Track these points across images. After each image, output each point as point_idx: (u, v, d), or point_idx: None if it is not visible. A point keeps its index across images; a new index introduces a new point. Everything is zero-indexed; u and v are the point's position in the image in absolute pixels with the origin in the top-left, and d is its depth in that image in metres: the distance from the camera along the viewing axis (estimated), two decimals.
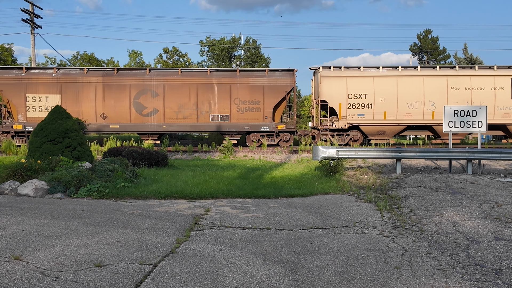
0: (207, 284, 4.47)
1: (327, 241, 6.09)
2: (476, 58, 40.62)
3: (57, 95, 21.78)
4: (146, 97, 22.04)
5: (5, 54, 39.96)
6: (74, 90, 21.92)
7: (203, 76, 22.38)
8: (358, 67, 22.92)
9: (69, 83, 21.94)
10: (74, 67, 22.53)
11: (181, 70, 22.68)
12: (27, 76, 21.93)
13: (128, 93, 21.98)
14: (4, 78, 21.85)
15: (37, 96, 21.79)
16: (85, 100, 21.90)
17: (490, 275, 4.75)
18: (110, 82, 22.06)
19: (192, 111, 22.07)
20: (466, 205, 7.89)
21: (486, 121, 13.33)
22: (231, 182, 11.06)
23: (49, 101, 21.73)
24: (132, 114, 22.01)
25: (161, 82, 22.15)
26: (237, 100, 22.11)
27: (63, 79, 21.94)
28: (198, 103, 22.08)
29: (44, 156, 10.65)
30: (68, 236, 5.87)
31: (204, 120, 22.13)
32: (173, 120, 22.12)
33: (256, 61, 46.56)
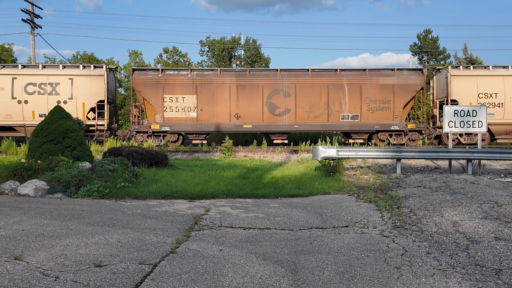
0: (207, 284, 4.47)
1: (327, 241, 6.09)
2: (476, 58, 40.62)
3: (193, 96, 22.06)
4: (278, 97, 22.20)
5: (5, 54, 39.99)
6: (209, 91, 22.11)
7: (333, 76, 22.50)
8: (486, 66, 23.32)
9: (204, 84, 22.15)
10: (207, 68, 22.82)
11: (311, 70, 22.77)
12: (164, 77, 22.20)
13: (261, 93, 22.18)
14: (142, 79, 22.16)
15: (174, 96, 22.05)
16: (219, 101, 22.08)
17: (490, 275, 4.75)
18: (243, 82, 22.25)
19: (323, 110, 22.21)
20: (466, 205, 7.89)
21: (486, 121, 13.34)
22: (231, 182, 11.06)
23: (185, 101, 22.07)
24: (264, 114, 22.18)
25: (292, 82, 22.29)
26: (368, 100, 22.22)
27: (198, 80, 22.17)
28: (329, 102, 22.22)
29: (44, 156, 10.65)
30: (68, 236, 5.87)
31: (334, 119, 22.28)
32: (304, 119, 22.28)
33: (256, 61, 46.56)
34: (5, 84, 21.67)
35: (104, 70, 22.16)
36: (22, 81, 21.75)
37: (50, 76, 21.86)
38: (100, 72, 22.09)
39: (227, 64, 46.71)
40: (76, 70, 22.23)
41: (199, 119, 22.01)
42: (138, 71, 22.74)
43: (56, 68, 22.47)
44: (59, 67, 22.41)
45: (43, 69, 22.15)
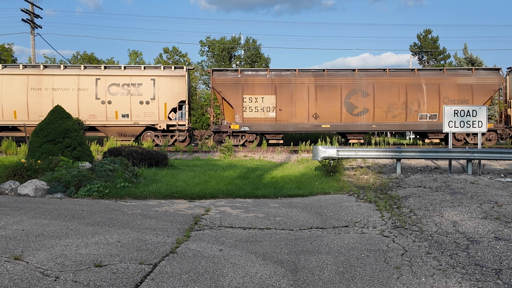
0: (207, 284, 4.47)
1: (327, 241, 6.09)
2: (476, 58, 40.61)
3: (272, 96, 22.18)
4: (356, 97, 22.27)
5: (5, 54, 39.99)
6: (288, 91, 22.22)
7: (411, 76, 22.60)
8: None
9: (283, 84, 22.27)
10: (285, 69, 23.24)
11: (388, 70, 22.88)
12: (243, 78, 22.36)
13: (339, 93, 22.27)
14: (222, 80, 22.34)
15: (254, 97, 22.18)
16: (298, 101, 22.17)
17: (490, 275, 4.75)
18: (321, 82, 22.35)
19: (401, 110, 22.29)
20: (466, 205, 7.89)
21: (486, 121, 13.33)
22: (231, 182, 11.06)
23: (264, 101, 22.20)
24: (342, 113, 22.26)
25: (370, 82, 22.39)
26: (446, 99, 22.25)
27: (277, 80, 22.29)
28: (407, 102, 22.30)
29: (44, 156, 10.65)
30: (68, 236, 5.87)
31: (412, 119, 22.37)
32: (382, 119, 22.37)
33: (256, 61, 46.56)
34: (89, 84, 21.86)
35: (185, 71, 22.44)
36: (105, 81, 21.99)
37: (133, 77, 22.13)
38: (181, 73, 22.31)
39: (227, 64, 46.70)
40: (158, 71, 22.45)
41: (277, 119, 22.15)
42: (217, 72, 22.91)
43: (138, 69, 22.68)
44: (141, 68, 22.63)
45: (125, 70, 22.40)
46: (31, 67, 22.31)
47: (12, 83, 21.59)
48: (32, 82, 21.64)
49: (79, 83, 21.83)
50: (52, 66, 22.49)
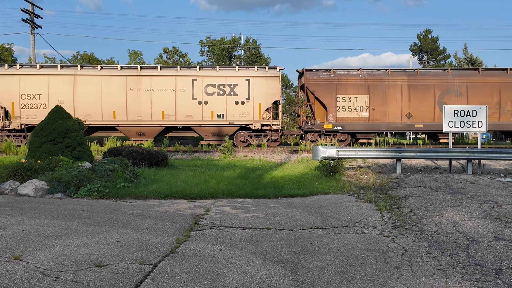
0: (207, 284, 4.47)
1: (327, 241, 6.09)
2: (476, 58, 40.61)
3: (365, 96, 22.27)
4: (450, 97, 22.28)
5: (5, 54, 40.00)
6: (381, 91, 22.30)
7: (504, 76, 22.60)
8: None
9: (376, 83, 22.35)
10: (377, 68, 23.57)
11: (481, 70, 22.92)
12: (336, 78, 22.45)
13: (433, 93, 22.31)
14: (315, 79, 22.45)
15: (347, 96, 22.27)
16: (391, 100, 22.24)
17: (490, 275, 4.75)
18: (414, 82, 22.41)
19: (495, 110, 22.26)
20: (466, 205, 7.89)
21: (486, 121, 13.33)
22: (231, 182, 11.06)
23: (358, 101, 22.25)
24: (436, 113, 22.19)
25: (463, 82, 22.40)
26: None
27: (370, 80, 22.37)
28: (501, 102, 22.30)
29: (44, 156, 10.65)
30: (68, 236, 5.87)
31: (506, 119, 22.43)
32: None
33: (256, 61, 46.56)
34: (186, 85, 22.06)
35: (278, 71, 22.56)
36: (202, 82, 22.15)
37: (228, 77, 22.26)
38: (275, 74, 22.43)
39: (227, 64, 46.71)
40: (252, 71, 22.60)
41: (370, 119, 22.23)
42: (310, 72, 23.00)
43: (233, 69, 22.84)
44: (235, 68, 22.81)
45: (220, 70, 22.56)
46: (127, 68, 22.65)
47: (111, 84, 21.85)
48: (130, 83, 21.94)
49: (176, 83, 22.10)
50: (149, 67, 22.80)
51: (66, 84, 21.68)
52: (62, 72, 21.88)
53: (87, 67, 22.69)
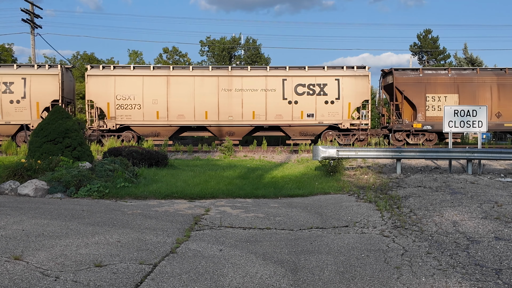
0: (207, 284, 4.47)
1: (327, 241, 6.09)
2: (476, 58, 40.62)
3: (454, 95, 22.36)
4: None
5: (5, 54, 39.99)
6: (470, 90, 22.35)
7: None
8: None
9: (465, 83, 22.43)
10: (465, 68, 23.77)
11: None
12: (425, 77, 22.59)
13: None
14: (404, 79, 22.59)
15: (436, 96, 22.38)
16: (481, 100, 22.22)
17: (490, 275, 4.75)
18: (504, 81, 22.48)
19: None
20: (466, 205, 7.89)
21: (486, 121, 13.34)
22: (231, 182, 11.06)
23: (447, 100, 22.37)
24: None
25: None
26: None
27: (459, 79, 22.45)
28: None
29: (44, 156, 10.65)
30: (68, 236, 5.87)
31: None
32: None
33: (256, 61, 46.56)
34: (276, 85, 22.20)
35: (367, 71, 22.72)
36: (292, 82, 22.29)
37: (318, 77, 22.40)
38: (364, 73, 22.59)
39: (227, 64, 46.73)
40: (341, 71, 22.73)
41: None
42: (399, 71, 23.12)
43: (321, 69, 22.95)
44: (324, 68, 22.92)
45: (309, 70, 22.70)
46: (218, 69, 22.88)
47: (203, 84, 22.05)
48: (222, 83, 22.12)
49: (267, 83, 22.26)
50: (239, 68, 23.12)
51: (160, 85, 21.93)
52: (155, 73, 22.17)
53: (178, 68, 23.08)
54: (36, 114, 21.61)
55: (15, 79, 21.62)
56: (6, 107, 21.53)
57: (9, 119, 21.59)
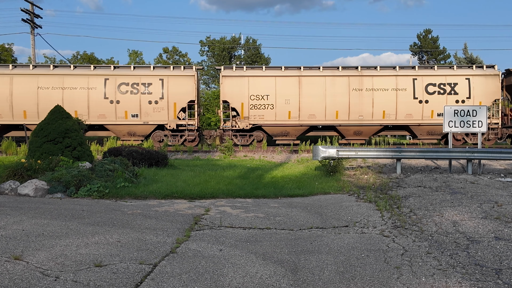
0: (207, 284, 4.47)
1: (327, 241, 6.09)
2: (476, 58, 40.62)
3: None
4: None
5: (5, 54, 39.99)
6: None
7: None
8: None
9: None
10: None
11: None
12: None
13: None
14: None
15: None
16: None
17: (490, 275, 4.75)
18: None
19: None
20: (466, 205, 7.89)
21: (486, 121, 13.33)
22: (231, 182, 11.06)
23: None
24: None
25: None
26: None
27: None
28: None
29: (44, 156, 10.65)
30: (68, 236, 5.87)
31: None
32: None
33: (256, 61, 46.56)
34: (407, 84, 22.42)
35: (497, 70, 22.77)
36: (422, 81, 22.52)
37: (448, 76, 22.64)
38: (494, 72, 22.68)
39: (227, 64, 46.77)
40: (470, 70, 22.97)
41: None
42: None
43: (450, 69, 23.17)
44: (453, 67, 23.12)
45: (439, 69, 23.03)
46: (347, 69, 23.01)
47: (334, 84, 22.24)
48: (353, 83, 22.31)
49: (397, 83, 22.49)
50: (368, 67, 23.26)
51: (292, 85, 22.12)
52: (287, 73, 22.37)
53: (309, 68, 23.23)
54: (173, 115, 22.02)
55: (153, 80, 21.98)
56: (144, 107, 21.93)
57: (147, 119, 21.95)
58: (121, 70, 22.31)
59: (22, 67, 22.47)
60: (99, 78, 21.76)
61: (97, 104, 21.64)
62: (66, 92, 21.53)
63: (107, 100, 21.72)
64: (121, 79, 21.86)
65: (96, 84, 21.71)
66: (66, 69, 22.31)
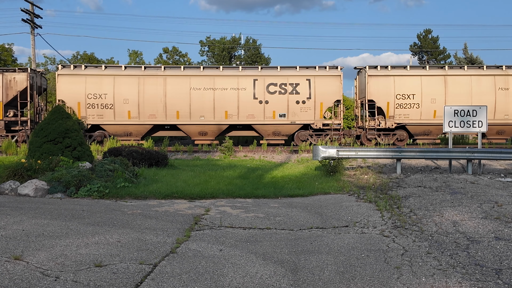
0: (207, 284, 4.47)
1: (327, 241, 6.09)
2: (476, 58, 40.61)
3: None
4: None
5: (5, 54, 39.98)
6: None
7: None
8: None
9: None
10: None
11: None
12: None
13: None
14: None
15: None
16: None
17: (490, 275, 4.75)
18: None
19: None
20: (466, 205, 7.89)
21: (486, 121, 13.33)
22: (231, 182, 11.06)
23: None
24: None
25: None
26: None
27: None
28: None
29: (44, 156, 10.65)
30: (68, 236, 5.87)
31: None
32: None
33: (256, 61, 46.55)
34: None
35: None
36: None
37: None
38: None
39: (227, 64, 46.76)
40: None
41: None
42: None
43: None
44: None
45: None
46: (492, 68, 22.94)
47: (480, 84, 22.30)
48: (499, 82, 22.29)
49: None
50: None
51: (437, 84, 22.24)
52: (431, 72, 22.50)
53: (454, 67, 23.25)
54: (319, 114, 22.14)
55: (300, 80, 22.19)
56: (292, 107, 22.09)
57: (294, 119, 22.12)
58: (268, 71, 22.66)
59: (174, 69, 22.82)
60: (248, 79, 22.08)
61: (246, 104, 21.95)
62: (217, 92, 21.85)
63: (256, 101, 22.03)
64: (269, 79, 22.17)
65: (246, 84, 22.02)
66: (216, 70, 22.67)
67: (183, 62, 48.10)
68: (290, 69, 22.66)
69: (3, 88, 21.67)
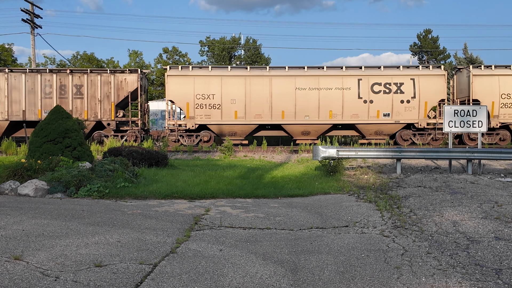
0: (207, 284, 4.47)
1: (327, 241, 6.09)
2: (476, 58, 40.60)
3: None
4: None
5: (5, 54, 39.99)
6: None
7: None
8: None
9: None
10: None
11: None
12: None
13: None
14: None
15: None
16: None
17: (490, 275, 4.75)
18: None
19: None
20: (466, 205, 7.89)
21: (486, 121, 13.33)
22: (231, 182, 11.06)
23: None
24: None
25: None
26: None
27: None
28: None
29: (44, 156, 10.65)
30: (68, 236, 5.87)
31: None
32: None
33: (256, 61, 46.56)
34: None
35: None
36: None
37: None
38: None
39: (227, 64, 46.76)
40: None
41: None
42: None
43: None
44: None
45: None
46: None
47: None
48: None
49: None
50: None
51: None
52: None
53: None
54: (423, 113, 22.25)
55: (404, 79, 22.31)
56: (396, 106, 22.22)
57: (398, 118, 22.27)
58: (372, 71, 22.73)
59: (278, 69, 22.84)
60: (353, 79, 22.19)
61: (351, 103, 22.06)
62: (322, 92, 21.99)
63: (360, 100, 22.14)
64: (373, 79, 22.25)
65: (350, 84, 22.13)
66: (320, 70, 22.77)
67: (183, 62, 48.10)
68: (393, 69, 22.76)
69: (114, 89, 21.99)
